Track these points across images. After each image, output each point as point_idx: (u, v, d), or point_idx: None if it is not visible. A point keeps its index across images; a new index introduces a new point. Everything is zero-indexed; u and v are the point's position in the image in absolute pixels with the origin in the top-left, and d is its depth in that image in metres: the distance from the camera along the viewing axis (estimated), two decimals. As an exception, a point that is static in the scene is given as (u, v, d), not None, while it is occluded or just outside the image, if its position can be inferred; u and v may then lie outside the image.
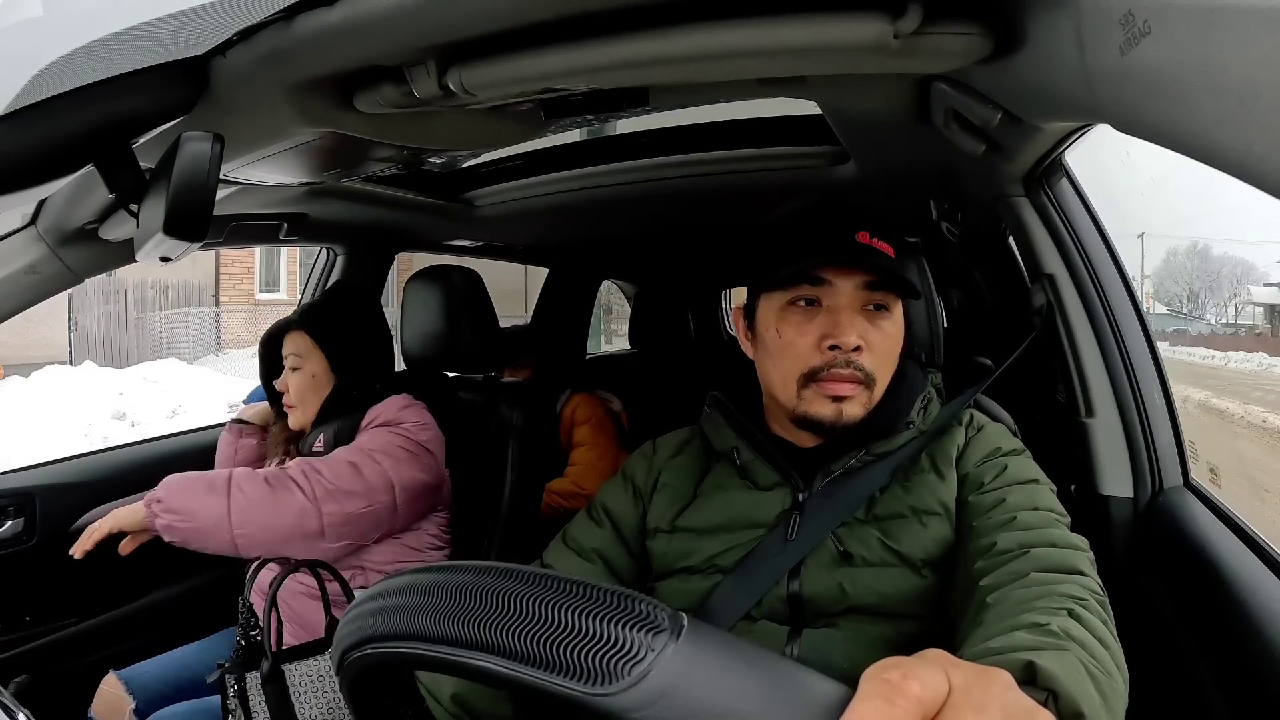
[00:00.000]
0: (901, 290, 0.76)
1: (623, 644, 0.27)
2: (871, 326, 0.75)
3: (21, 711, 0.73)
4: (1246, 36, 0.29)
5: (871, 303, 0.75)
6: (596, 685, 0.26)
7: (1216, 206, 18.21)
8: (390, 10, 0.56)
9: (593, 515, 0.86)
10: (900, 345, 0.78)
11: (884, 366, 0.76)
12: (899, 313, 0.78)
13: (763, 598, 0.74)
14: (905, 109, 0.84)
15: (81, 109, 0.59)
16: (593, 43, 0.62)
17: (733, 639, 0.29)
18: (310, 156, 0.93)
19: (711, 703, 0.26)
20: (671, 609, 0.28)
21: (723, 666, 0.27)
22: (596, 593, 0.29)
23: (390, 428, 1.24)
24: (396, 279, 5.08)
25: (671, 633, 0.27)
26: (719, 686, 0.27)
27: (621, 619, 0.28)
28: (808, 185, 1.32)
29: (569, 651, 0.27)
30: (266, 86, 0.68)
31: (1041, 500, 0.71)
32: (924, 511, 0.74)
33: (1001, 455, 0.77)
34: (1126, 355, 0.99)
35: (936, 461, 0.77)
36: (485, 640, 0.29)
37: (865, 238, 0.75)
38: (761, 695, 0.27)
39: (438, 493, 1.30)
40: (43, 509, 1.37)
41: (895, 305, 0.77)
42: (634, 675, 0.26)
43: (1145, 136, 0.43)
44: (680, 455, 0.86)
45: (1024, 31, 0.54)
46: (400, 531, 1.26)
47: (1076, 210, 1.03)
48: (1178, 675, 0.78)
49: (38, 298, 1.07)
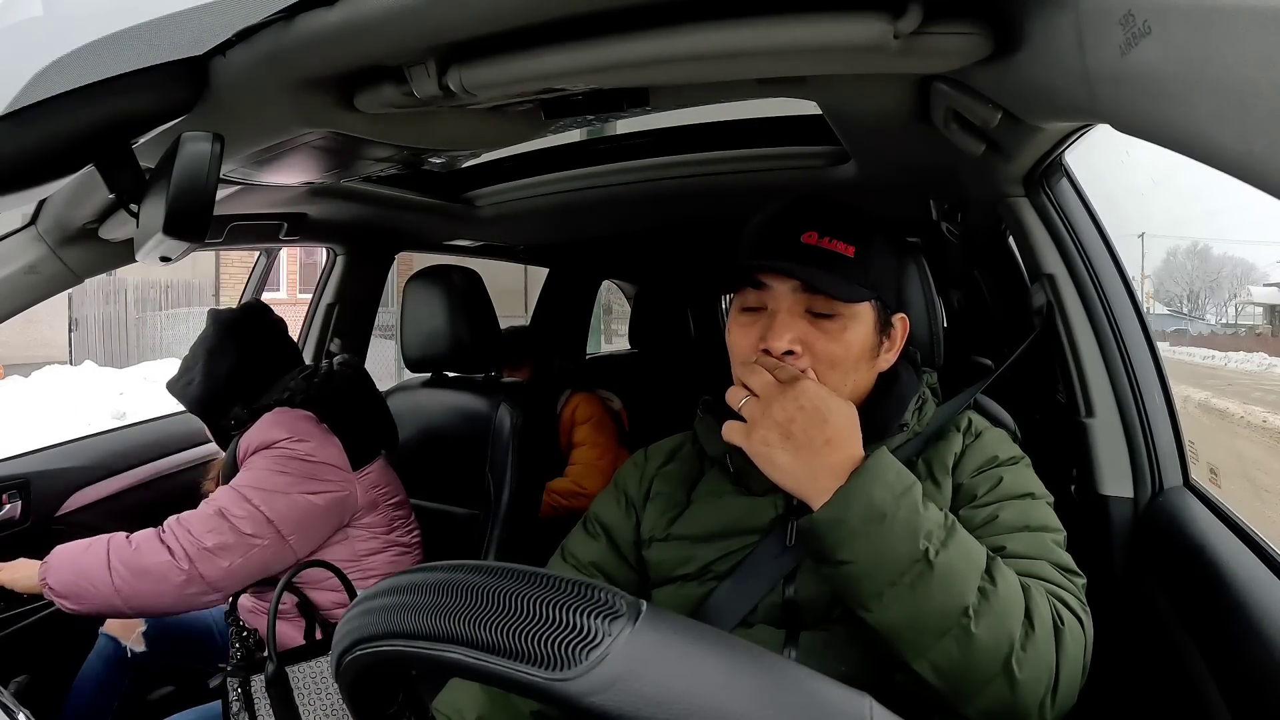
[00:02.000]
0: (834, 295, 0.71)
1: (581, 630, 0.28)
2: (815, 331, 0.72)
3: (21, 711, 0.73)
4: (1246, 36, 0.30)
5: (812, 308, 0.73)
6: (555, 670, 0.27)
7: (1216, 206, 18.20)
8: (390, 10, 0.56)
9: (588, 528, 0.86)
10: (856, 351, 0.74)
11: (828, 371, 0.72)
12: (855, 317, 0.73)
13: (759, 603, 0.74)
14: (905, 109, 0.84)
15: (81, 109, 0.59)
16: (593, 43, 0.62)
17: (692, 623, 0.29)
18: (310, 156, 0.93)
19: (668, 685, 0.27)
20: (632, 597, 0.29)
21: (679, 650, 0.28)
22: (559, 583, 0.30)
23: (264, 452, 1.15)
24: (396, 279, 5.08)
25: (629, 618, 0.28)
26: (675, 669, 0.27)
27: (581, 606, 0.28)
28: (808, 185, 1.32)
29: (530, 639, 0.28)
30: (266, 86, 0.68)
31: (1035, 518, 0.70)
32: None
33: (997, 466, 0.75)
34: (1126, 355, 0.99)
35: (933, 469, 0.76)
36: (454, 633, 0.30)
37: (813, 238, 0.72)
38: (718, 676, 0.27)
39: (343, 506, 1.19)
40: (36, 493, 1.41)
41: (846, 309, 0.73)
42: (590, 660, 0.27)
43: (1145, 136, 0.43)
44: (672, 462, 0.86)
45: (1024, 31, 0.54)
46: (345, 534, 1.20)
47: (1076, 210, 1.03)
48: (1177, 675, 0.78)
49: (38, 298, 1.07)
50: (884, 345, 0.78)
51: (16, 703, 0.76)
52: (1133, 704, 0.88)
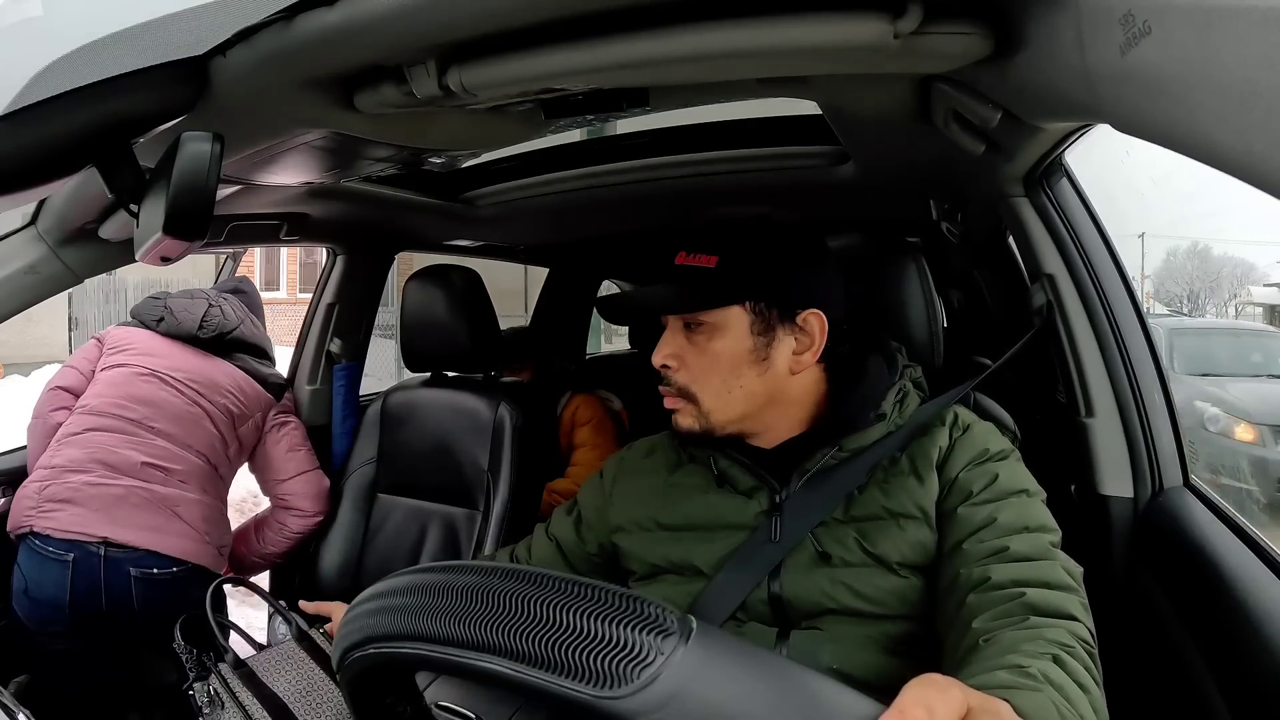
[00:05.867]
0: (674, 310, 0.78)
1: (631, 647, 0.27)
2: (689, 344, 0.77)
3: (21, 711, 0.73)
4: (1246, 36, 0.30)
5: (688, 321, 0.77)
6: (605, 688, 0.26)
7: (1216, 206, 18.19)
8: (390, 10, 0.56)
9: (568, 505, 0.94)
10: (727, 359, 0.76)
11: (703, 381, 0.76)
12: (721, 325, 0.76)
13: (746, 599, 0.74)
14: (905, 109, 0.84)
15: (81, 109, 0.59)
16: (593, 43, 0.62)
17: (741, 643, 0.29)
18: (310, 156, 0.93)
19: (720, 706, 0.26)
20: (680, 612, 0.28)
21: (731, 670, 0.27)
22: (602, 594, 0.29)
23: None
24: (396, 279, 5.08)
25: (681, 636, 0.27)
26: (728, 690, 0.26)
27: (629, 621, 0.27)
28: (808, 185, 1.31)
29: (576, 654, 0.27)
30: (266, 86, 0.68)
31: (1033, 518, 0.70)
32: (901, 515, 0.73)
33: (990, 460, 0.74)
34: (1126, 355, 0.99)
35: (916, 464, 0.76)
36: (491, 642, 0.29)
37: (683, 257, 0.77)
38: (771, 700, 0.26)
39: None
40: None
41: (710, 319, 0.76)
42: (643, 679, 0.26)
43: (1145, 136, 0.43)
44: (651, 456, 0.89)
45: (1024, 31, 0.54)
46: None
47: (1076, 210, 1.03)
48: (1177, 675, 0.78)
49: (38, 298, 1.07)
50: (774, 346, 0.76)
51: (16, 703, 0.76)
52: (1132, 704, 0.88)
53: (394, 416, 1.53)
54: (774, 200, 1.46)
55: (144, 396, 1.40)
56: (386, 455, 1.53)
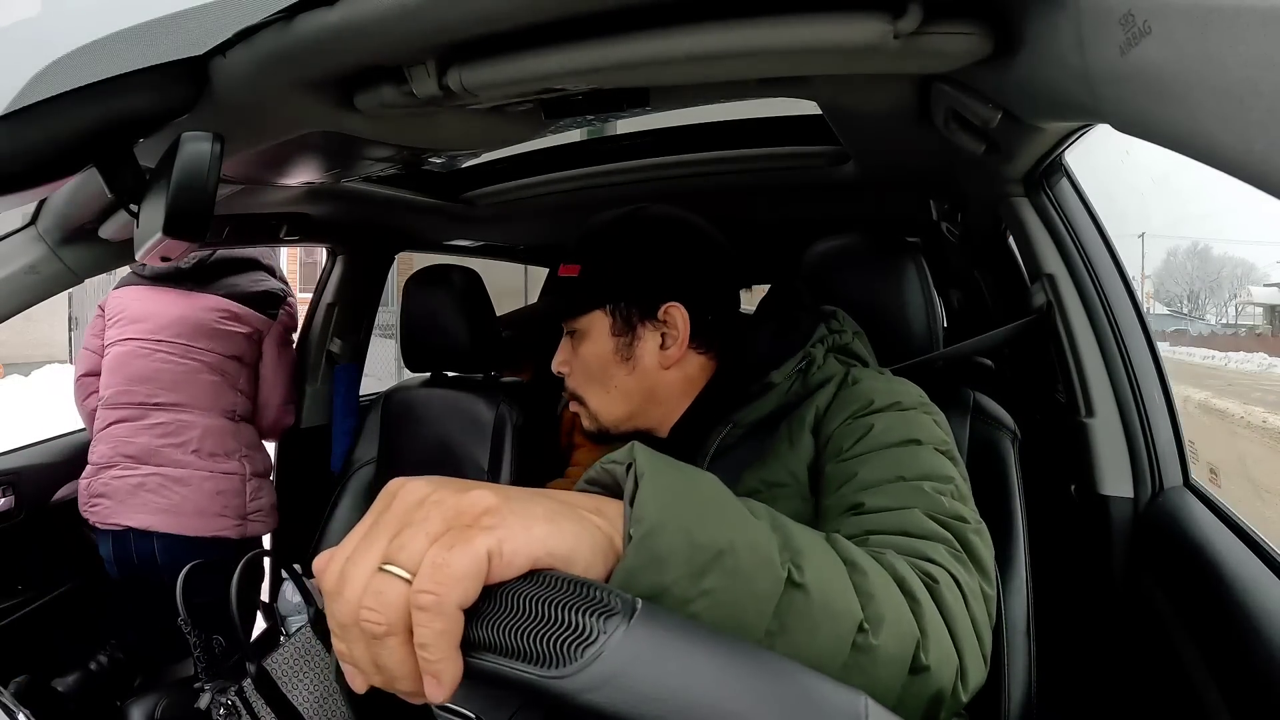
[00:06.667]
0: (546, 321, 0.83)
1: (576, 627, 0.28)
2: (572, 352, 0.81)
3: (21, 711, 0.73)
4: (1246, 36, 0.29)
5: (566, 330, 0.81)
6: (550, 668, 0.27)
7: (1216, 206, 18.20)
8: (390, 10, 0.56)
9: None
10: (596, 361, 0.79)
11: (585, 385, 0.80)
12: (585, 330, 0.79)
13: None
14: (905, 109, 0.84)
15: (81, 109, 0.59)
16: (593, 43, 0.62)
17: (686, 622, 0.29)
18: (310, 156, 0.93)
19: (662, 682, 0.27)
20: (627, 595, 0.29)
21: (674, 647, 0.28)
22: (555, 580, 0.30)
23: None
24: (396, 279, 5.08)
25: (624, 616, 0.28)
26: (669, 666, 0.27)
27: (576, 604, 0.28)
28: (808, 185, 1.32)
29: (524, 636, 0.28)
30: (266, 86, 0.68)
31: (913, 467, 0.60)
32: (774, 484, 0.69)
33: (871, 413, 0.66)
34: (1126, 355, 0.99)
35: (791, 427, 0.72)
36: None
37: (562, 268, 0.81)
38: (713, 673, 0.27)
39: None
40: (26, 487, 1.49)
41: (581, 324, 0.79)
42: (586, 657, 0.27)
43: (1145, 136, 0.43)
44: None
45: (1024, 31, 0.54)
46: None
47: (1076, 210, 1.03)
48: (1177, 675, 0.78)
49: (38, 298, 1.07)
50: (638, 345, 0.78)
51: (16, 703, 0.76)
52: (1133, 704, 0.88)
53: (394, 416, 1.53)
54: (774, 200, 1.46)
55: (141, 373, 1.49)
56: (387, 455, 1.53)
